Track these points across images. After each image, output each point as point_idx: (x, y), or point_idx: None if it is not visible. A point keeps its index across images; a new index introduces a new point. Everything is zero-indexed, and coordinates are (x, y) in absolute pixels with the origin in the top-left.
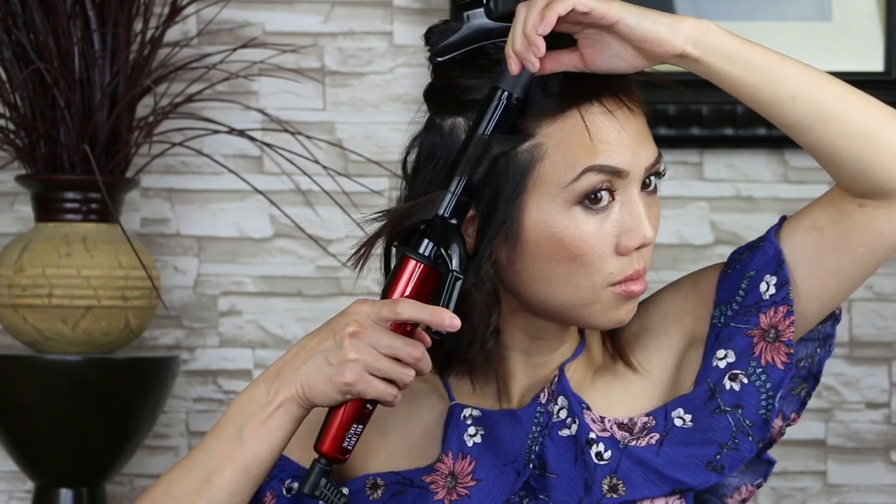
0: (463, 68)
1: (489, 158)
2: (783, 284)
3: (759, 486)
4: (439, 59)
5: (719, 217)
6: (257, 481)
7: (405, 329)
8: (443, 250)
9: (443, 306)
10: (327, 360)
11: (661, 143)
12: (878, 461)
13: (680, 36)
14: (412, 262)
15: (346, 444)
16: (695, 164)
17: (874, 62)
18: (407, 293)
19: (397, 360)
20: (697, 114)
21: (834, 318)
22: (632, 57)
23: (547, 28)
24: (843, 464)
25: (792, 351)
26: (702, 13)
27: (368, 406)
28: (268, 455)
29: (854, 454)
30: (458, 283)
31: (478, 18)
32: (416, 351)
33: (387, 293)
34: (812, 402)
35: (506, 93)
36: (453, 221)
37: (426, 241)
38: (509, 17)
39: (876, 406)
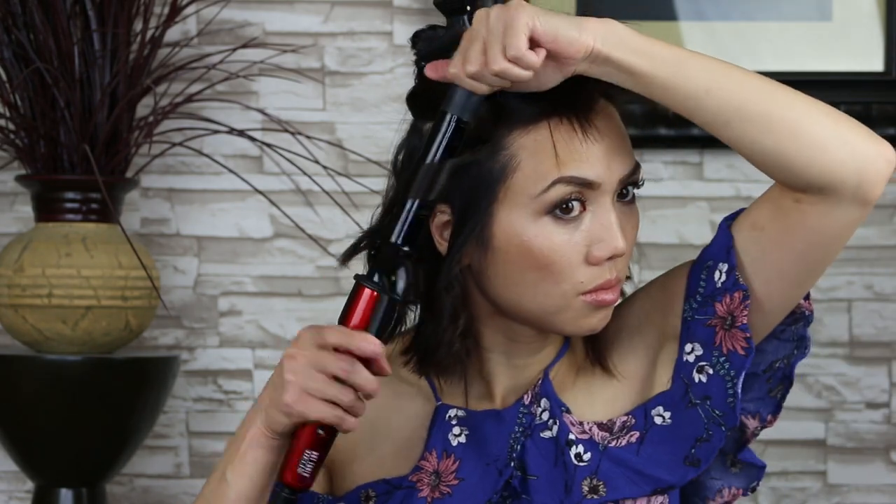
0: None
1: (441, 183)
2: (731, 270)
3: (753, 490)
4: (424, 64)
5: (719, 217)
6: None
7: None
8: (386, 277)
9: (375, 326)
10: (274, 386)
11: (661, 143)
12: (878, 461)
13: (588, 34)
14: (366, 290)
15: (300, 470)
16: (695, 164)
17: (874, 62)
18: (360, 319)
19: (339, 380)
20: None
21: (805, 319)
22: (542, 69)
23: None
24: (843, 464)
25: (749, 335)
26: (702, 13)
27: (320, 432)
28: (250, 488)
29: (854, 454)
30: (394, 308)
31: (462, 24)
32: (343, 363)
33: (344, 319)
34: (812, 402)
35: (455, 117)
36: (405, 248)
37: (399, 280)
38: None
39: (876, 406)
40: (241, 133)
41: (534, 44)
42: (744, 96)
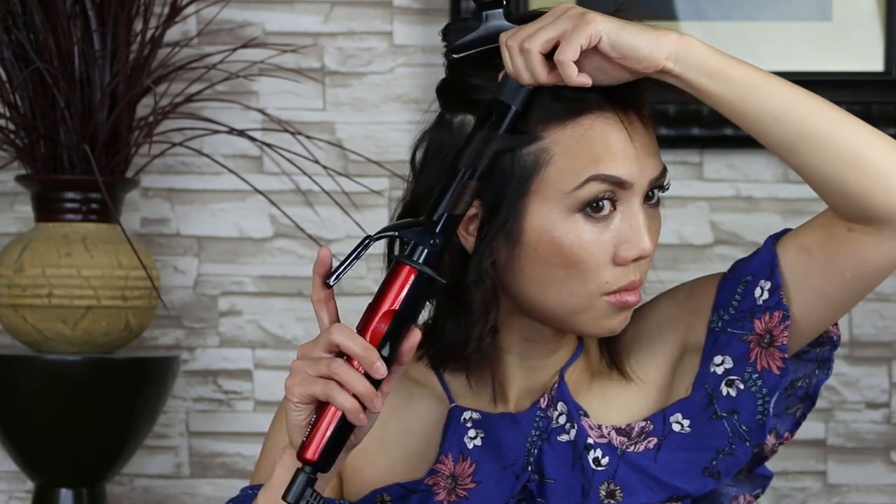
0: (476, 67)
1: (489, 155)
2: (776, 289)
3: (757, 497)
4: (454, 56)
5: (719, 217)
6: None
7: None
8: (433, 255)
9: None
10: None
11: (661, 143)
12: (878, 461)
13: (661, 51)
14: (406, 269)
15: (317, 445)
16: (695, 164)
17: (874, 62)
18: (401, 298)
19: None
20: (697, 114)
21: (832, 343)
22: (613, 70)
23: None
24: (843, 464)
25: (786, 356)
26: (702, 13)
27: (337, 412)
28: None
29: (854, 454)
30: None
31: (496, 19)
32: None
33: (379, 299)
34: None
35: (505, 104)
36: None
37: (420, 247)
38: (528, 19)
39: (876, 406)
40: (241, 133)
41: (599, 53)
42: (810, 125)
